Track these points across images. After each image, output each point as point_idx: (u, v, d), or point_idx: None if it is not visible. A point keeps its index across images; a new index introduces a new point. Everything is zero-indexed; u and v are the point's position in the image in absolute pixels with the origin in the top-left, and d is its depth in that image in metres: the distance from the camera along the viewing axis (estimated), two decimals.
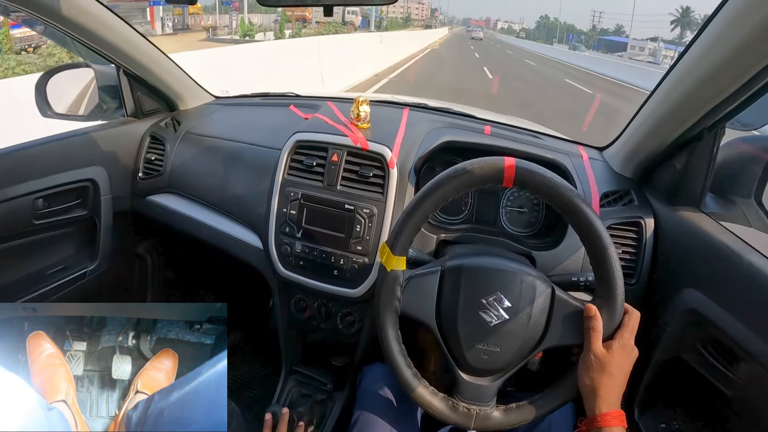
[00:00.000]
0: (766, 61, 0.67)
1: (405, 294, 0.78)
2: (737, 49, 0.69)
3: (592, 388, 0.71)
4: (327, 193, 1.07)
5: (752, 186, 0.92)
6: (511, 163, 0.72)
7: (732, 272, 0.79)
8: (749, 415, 0.76)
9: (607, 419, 0.69)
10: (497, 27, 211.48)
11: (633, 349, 0.73)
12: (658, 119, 0.94)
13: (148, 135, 1.42)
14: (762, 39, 0.65)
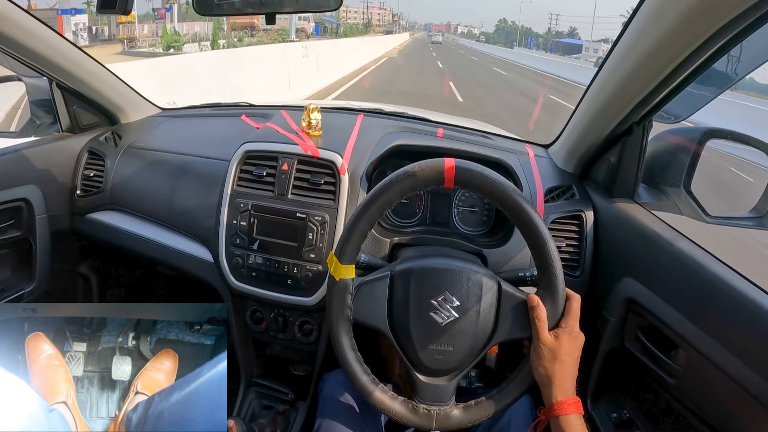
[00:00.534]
0: (683, 56, 0.71)
1: (356, 301, 0.78)
2: (655, 46, 0.73)
3: (546, 377, 0.73)
4: (278, 203, 1.06)
5: (681, 175, 0.97)
6: (451, 164, 0.73)
7: (664, 260, 0.83)
8: (691, 402, 0.78)
9: (563, 407, 0.71)
10: (458, 31, 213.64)
11: (579, 334, 0.75)
12: (591, 116, 0.98)
13: (86, 150, 1.35)
14: (677, 36, 0.69)
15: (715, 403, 0.72)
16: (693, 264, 0.77)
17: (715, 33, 0.65)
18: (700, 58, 0.72)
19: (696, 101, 0.95)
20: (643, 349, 0.87)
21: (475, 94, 12.25)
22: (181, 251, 1.20)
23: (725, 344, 0.68)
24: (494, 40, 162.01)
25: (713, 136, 0.96)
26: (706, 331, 0.72)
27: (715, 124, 1.06)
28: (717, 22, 0.63)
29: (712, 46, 0.68)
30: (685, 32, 0.67)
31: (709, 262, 0.76)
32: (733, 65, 0.85)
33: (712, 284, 0.73)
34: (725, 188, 1.39)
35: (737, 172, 2.95)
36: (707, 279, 0.74)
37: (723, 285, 0.71)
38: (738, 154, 2.92)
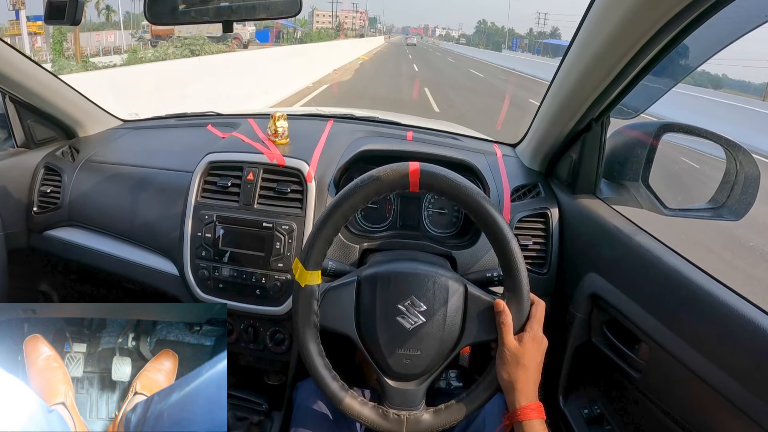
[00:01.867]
0: (633, 51, 0.73)
1: (322, 307, 0.77)
2: (607, 42, 0.75)
3: (509, 383, 0.74)
4: (244, 213, 1.04)
5: (639, 169, 0.99)
6: (415, 168, 0.73)
7: (624, 254, 0.85)
8: (655, 395, 0.78)
9: (526, 412, 0.72)
10: (435, 34, 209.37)
11: (543, 339, 0.75)
12: (552, 114, 1.00)
13: (42, 166, 1.30)
14: (626, 32, 0.71)
15: (678, 396, 0.73)
16: (651, 257, 0.79)
17: (662, 27, 0.67)
18: (649, 53, 0.74)
19: (651, 95, 0.97)
20: (608, 344, 0.88)
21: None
22: (144, 266, 1.16)
23: (684, 337, 0.69)
24: (474, 42, 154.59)
25: (669, 130, 0.99)
26: (666, 324, 0.73)
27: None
28: (660, 19, 0.65)
29: (659, 42, 0.70)
30: (633, 28, 0.69)
31: (666, 255, 0.77)
32: (683, 59, 0.88)
33: (669, 277, 0.74)
34: (681, 180, 1.43)
35: (691, 164, 3.04)
36: (665, 272, 0.75)
37: (680, 277, 0.72)
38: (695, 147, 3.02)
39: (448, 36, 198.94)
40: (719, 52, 0.84)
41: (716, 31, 0.81)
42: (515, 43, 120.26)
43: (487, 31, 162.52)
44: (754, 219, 0.90)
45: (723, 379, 0.63)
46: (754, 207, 0.86)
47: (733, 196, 0.87)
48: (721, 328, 0.64)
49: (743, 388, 0.60)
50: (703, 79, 15.29)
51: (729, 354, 0.63)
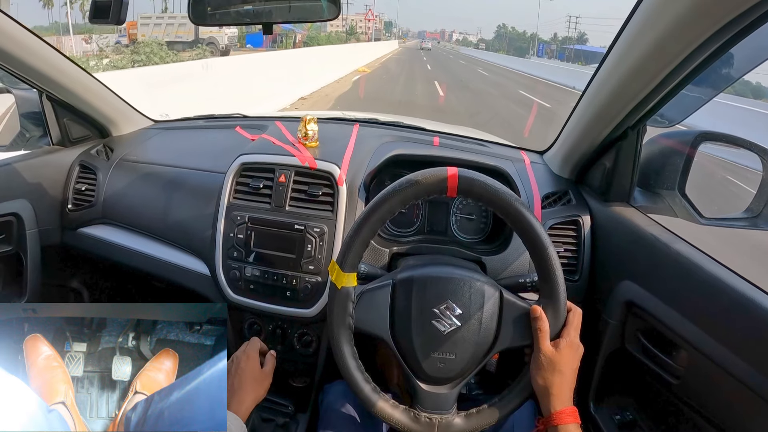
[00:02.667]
0: (678, 60, 0.72)
1: (357, 310, 0.77)
2: (650, 51, 0.74)
3: (544, 388, 0.73)
4: (275, 215, 1.05)
5: (676, 178, 0.98)
6: (453, 173, 0.73)
7: (661, 262, 0.84)
8: (694, 401, 0.78)
9: (561, 416, 0.71)
10: (452, 39, 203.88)
11: (579, 346, 0.75)
12: (586, 122, 0.99)
13: (77, 164, 1.33)
14: (670, 42, 0.70)
15: (718, 401, 0.73)
16: (690, 265, 0.78)
17: (708, 38, 0.66)
18: (694, 62, 0.73)
19: (690, 105, 0.96)
20: (644, 351, 0.88)
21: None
22: (176, 265, 1.18)
23: (725, 343, 0.69)
24: (495, 47, 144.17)
25: (706, 139, 0.98)
26: (706, 331, 0.73)
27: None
28: (711, 27, 0.64)
29: (706, 50, 0.69)
30: (679, 37, 0.68)
31: (706, 263, 0.77)
32: (725, 69, 0.87)
33: (710, 284, 0.73)
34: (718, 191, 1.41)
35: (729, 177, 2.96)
36: (705, 279, 0.75)
37: (721, 285, 0.72)
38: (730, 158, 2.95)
39: (466, 41, 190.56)
40: (764, 63, 0.84)
41: (761, 40, 0.80)
42: (542, 49, 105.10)
43: (507, 35, 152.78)
44: None
45: (765, 383, 0.63)
46: None
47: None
48: (764, 334, 0.65)
49: None
50: (745, 89, 14.73)
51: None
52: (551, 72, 24.71)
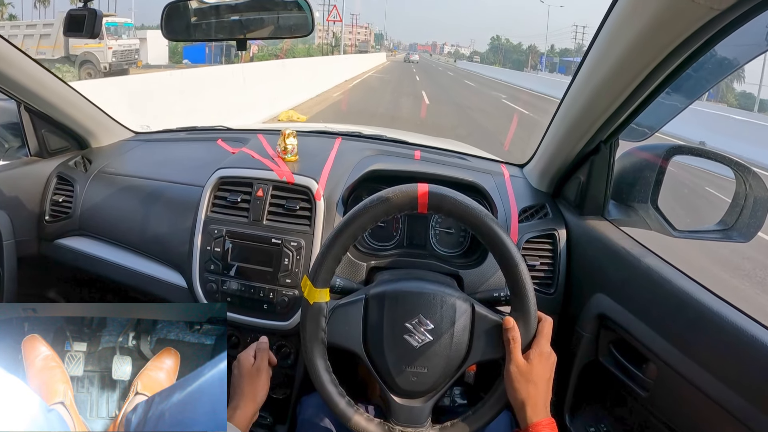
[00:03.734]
0: (644, 74, 0.74)
1: (330, 324, 0.78)
2: (617, 65, 0.76)
3: (519, 400, 0.73)
4: (253, 229, 1.05)
5: (648, 191, 0.99)
6: (424, 190, 0.74)
7: (632, 275, 0.85)
8: (663, 414, 0.79)
9: (537, 429, 0.71)
10: (444, 51, 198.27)
11: (551, 354, 0.75)
12: (561, 135, 1.01)
13: (55, 175, 1.32)
14: (636, 55, 0.71)
15: (686, 415, 0.74)
16: (660, 279, 0.79)
17: (671, 52, 0.68)
18: (660, 76, 0.74)
19: (662, 117, 0.98)
20: (616, 363, 0.88)
21: None
22: (153, 277, 1.17)
23: (692, 357, 0.70)
24: (489, 59, 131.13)
25: (678, 153, 0.99)
26: (674, 344, 0.73)
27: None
28: (672, 42, 0.66)
29: (670, 65, 0.71)
30: (643, 51, 0.70)
31: (675, 277, 0.78)
32: (694, 81, 0.89)
33: (678, 298, 0.75)
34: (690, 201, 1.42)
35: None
36: (674, 293, 0.76)
37: (689, 299, 0.73)
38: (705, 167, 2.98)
39: (458, 53, 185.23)
40: (732, 73, 0.86)
41: (728, 52, 0.82)
42: (543, 61, 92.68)
43: (503, 47, 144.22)
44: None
45: (731, 398, 0.64)
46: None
47: (743, 219, 0.88)
48: (730, 348, 0.65)
49: (752, 406, 0.61)
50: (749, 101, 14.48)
51: (738, 373, 0.65)
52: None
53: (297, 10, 0.99)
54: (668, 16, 0.61)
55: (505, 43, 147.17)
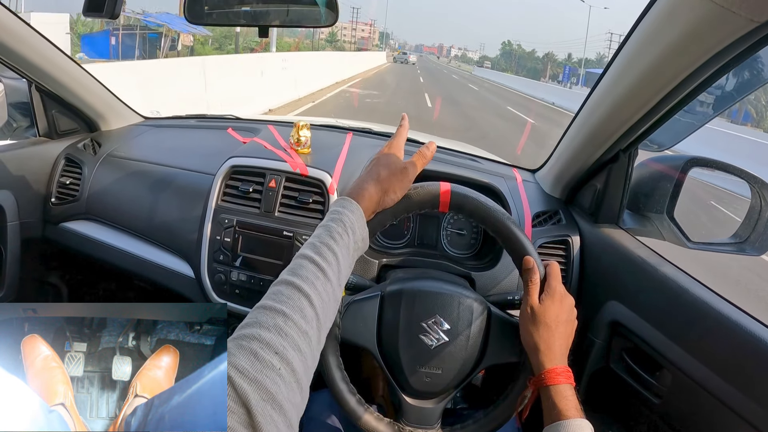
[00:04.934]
0: (672, 85, 0.73)
1: (344, 320, 0.77)
2: (645, 75, 0.75)
3: (533, 344, 0.69)
4: (264, 220, 1.04)
5: (665, 202, 0.99)
6: (446, 189, 0.73)
7: (648, 284, 0.85)
8: (676, 421, 0.79)
9: (552, 376, 0.66)
10: (451, 54, 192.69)
11: (565, 296, 0.72)
12: (578, 143, 1.00)
13: (63, 157, 1.31)
14: (666, 66, 0.71)
15: (700, 422, 0.74)
16: (677, 288, 0.79)
17: (702, 64, 0.66)
18: (688, 88, 0.73)
19: (681, 130, 0.97)
20: (628, 370, 0.88)
21: None
22: (159, 265, 1.16)
23: (709, 365, 0.70)
24: (501, 66, 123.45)
25: (696, 164, 0.99)
26: (691, 352, 0.73)
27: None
28: (705, 54, 0.64)
29: (700, 76, 0.70)
30: (674, 62, 0.69)
31: (692, 286, 0.78)
32: (718, 95, 0.88)
33: (696, 307, 0.74)
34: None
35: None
36: (691, 302, 0.75)
37: (706, 308, 0.73)
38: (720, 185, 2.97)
39: (465, 57, 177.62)
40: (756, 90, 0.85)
41: (753, 68, 0.81)
42: (567, 73, 77.45)
43: (516, 54, 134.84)
44: None
45: (748, 405, 0.64)
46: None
47: (757, 232, 0.88)
48: (748, 357, 0.65)
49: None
50: None
51: (756, 382, 0.64)
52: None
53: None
54: (705, 27, 0.60)
55: (517, 49, 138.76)
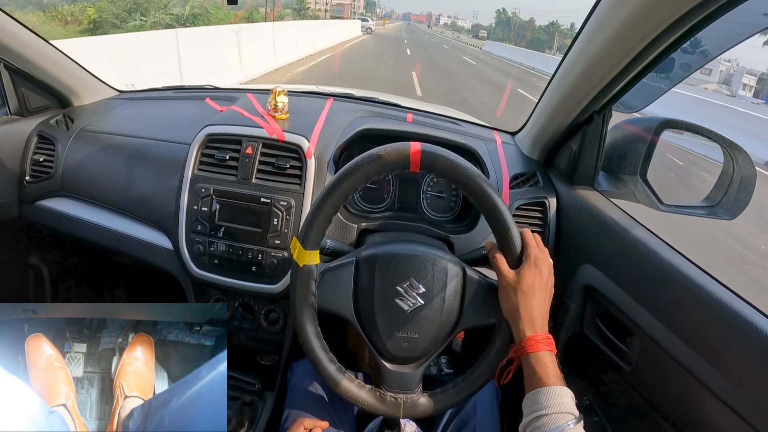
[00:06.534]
0: (643, 45, 0.73)
1: (320, 288, 0.76)
2: (616, 35, 0.75)
3: (511, 313, 0.69)
4: (241, 187, 1.03)
5: (638, 164, 0.99)
6: (416, 148, 0.71)
7: (620, 246, 0.85)
8: (645, 388, 0.79)
9: (532, 343, 0.66)
10: (440, 22, 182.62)
11: (541, 262, 0.71)
12: (555, 104, 1.00)
13: (35, 134, 1.28)
14: (637, 25, 0.70)
15: (667, 390, 0.73)
16: (647, 251, 0.79)
17: (673, 23, 0.66)
18: (659, 48, 0.73)
19: (653, 92, 0.98)
20: (601, 336, 0.89)
21: None
22: (138, 239, 1.15)
23: (676, 331, 0.69)
24: (497, 35, 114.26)
25: (669, 126, 0.99)
26: (659, 318, 0.73)
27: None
28: (675, 13, 0.64)
29: (670, 36, 0.70)
30: (644, 22, 0.69)
31: (662, 250, 0.77)
32: (688, 57, 0.88)
33: (665, 271, 0.74)
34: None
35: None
36: (660, 266, 0.75)
37: (675, 272, 0.72)
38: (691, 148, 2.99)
39: (455, 26, 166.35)
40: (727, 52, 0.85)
41: (726, 28, 0.81)
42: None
43: (514, 23, 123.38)
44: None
45: (713, 375, 0.63)
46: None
47: (729, 196, 0.88)
48: (714, 325, 0.64)
49: (733, 384, 0.61)
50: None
51: (720, 350, 0.63)
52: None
53: None
54: None
55: (513, 17, 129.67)
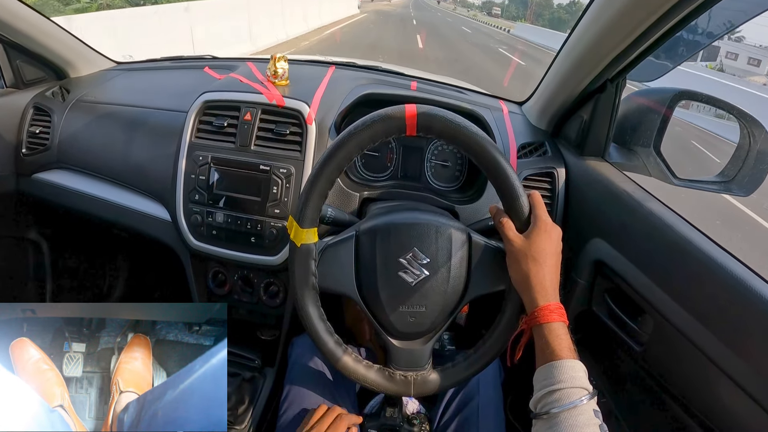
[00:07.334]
0: (660, 12, 0.69)
1: (321, 267, 0.72)
2: (629, 3, 0.70)
3: (521, 281, 0.66)
4: (240, 155, 1.00)
5: (652, 136, 0.96)
6: (412, 110, 0.66)
7: (632, 220, 0.81)
8: (655, 369, 0.75)
9: (545, 313, 0.63)
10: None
11: (552, 227, 0.68)
12: (566, 72, 0.96)
13: (31, 106, 1.26)
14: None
15: (681, 374, 0.70)
16: (661, 225, 0.74)
17: None
18: (677, 16, 0.69)
19: (675, 56, 0.93)
20: (610, 314, 0.85)
21: None
22: (135, 210, 1.13)
23: (692, 311, 0.66)
24: (512, 13, 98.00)
25: (684, 98, 0.95)
26: (673, 296, 0.69)
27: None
28: None
29: (689, 4, 0.66)
30: None
31: (677, 224, 0.73)
32: (703, 30, 0.84)
33: (680, 247, 0.70)
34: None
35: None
36: (675, 241, 0.71)
37: (691, 248, 0.68)
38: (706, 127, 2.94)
39: (465, 2, 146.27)
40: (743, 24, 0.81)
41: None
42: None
43: (530, 1, 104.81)
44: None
45: (730, 358, 0.60)
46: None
47: (744, 171, 0.84)
48: (733, 305, 0.60)
49: (750, 368, 0.57)
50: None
51: (739, 332, 0.60)
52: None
53: None
54: None
55: None
